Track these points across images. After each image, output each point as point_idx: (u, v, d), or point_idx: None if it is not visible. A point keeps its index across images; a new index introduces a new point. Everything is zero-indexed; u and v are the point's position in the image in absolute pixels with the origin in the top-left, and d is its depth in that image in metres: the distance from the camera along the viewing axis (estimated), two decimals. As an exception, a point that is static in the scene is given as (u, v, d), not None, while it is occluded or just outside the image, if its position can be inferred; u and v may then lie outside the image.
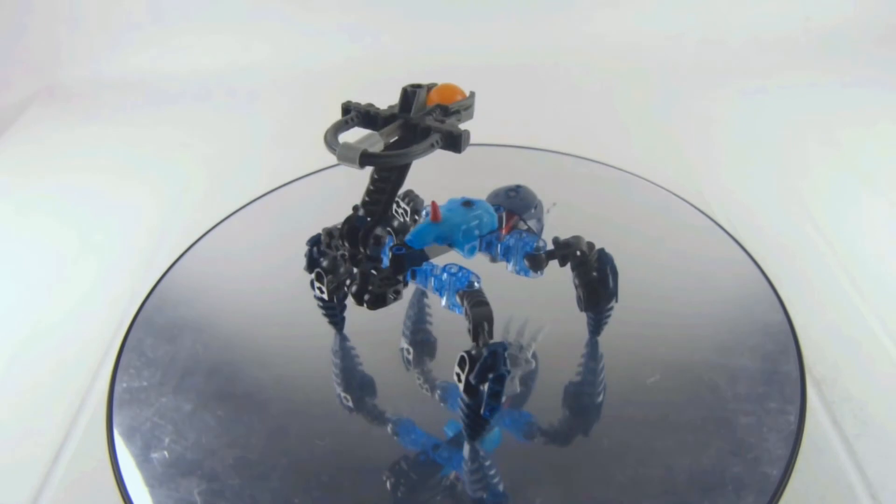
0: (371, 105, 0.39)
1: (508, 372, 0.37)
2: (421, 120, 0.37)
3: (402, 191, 0.43)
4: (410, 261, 0.40)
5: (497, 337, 0.38)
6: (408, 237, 0.41)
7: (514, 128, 0.84)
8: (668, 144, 0.84)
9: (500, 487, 0.41)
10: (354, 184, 0.73)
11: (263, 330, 0.53)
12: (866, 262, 0.62)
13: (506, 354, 0.37)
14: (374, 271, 0.40)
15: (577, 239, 0.44)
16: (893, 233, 0.67)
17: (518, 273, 0.44)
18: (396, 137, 0.37)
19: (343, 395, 0.48)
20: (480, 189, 0.47)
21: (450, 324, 0.49)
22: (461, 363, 0.38)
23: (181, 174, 0.81)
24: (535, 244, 0.43)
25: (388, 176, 0.38)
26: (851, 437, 0.46)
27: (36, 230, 0.73)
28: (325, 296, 0.43)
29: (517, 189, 0.47)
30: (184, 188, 0.78)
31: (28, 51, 1.07)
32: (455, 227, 0.42)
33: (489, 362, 0.37)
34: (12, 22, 1.05)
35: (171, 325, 0.53)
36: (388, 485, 0.41)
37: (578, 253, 0.43)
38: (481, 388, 0.37)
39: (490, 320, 0.38)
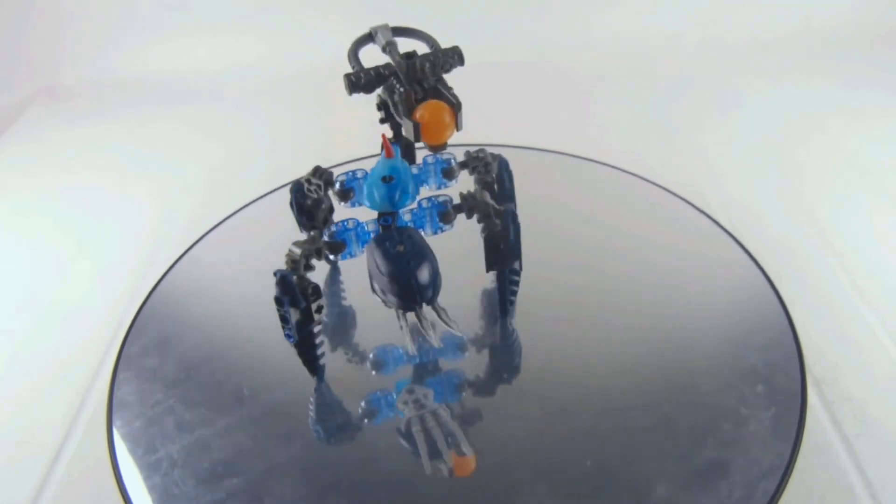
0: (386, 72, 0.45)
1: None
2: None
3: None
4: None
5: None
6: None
7: (513, 128, 0.84)
8: (668, 144, 0.84)
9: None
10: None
11: (264, 330, 0.53)
12: (867, 262, 0.62)
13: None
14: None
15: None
16: (894, 233, 0.67)
17: (435, 233, 0.46)
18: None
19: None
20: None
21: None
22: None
23: (182, 174, 0.81)
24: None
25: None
26: (851, 437, 0.46)
27: (36, 230, 0.73)
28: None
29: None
30: (185, 188, 0.78)
31: (28, 51, 1.07)
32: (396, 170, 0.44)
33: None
34: (12, 22, 1.05)
35: (172, 326, 0.53)
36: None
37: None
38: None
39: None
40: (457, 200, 0.46)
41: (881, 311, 0.57)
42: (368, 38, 0.49)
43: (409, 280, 0.38)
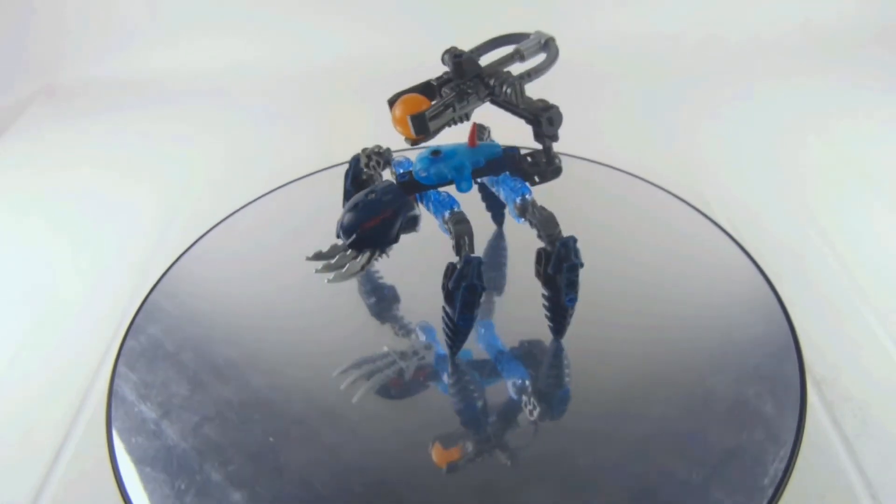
0: (442, 87, 0.44)
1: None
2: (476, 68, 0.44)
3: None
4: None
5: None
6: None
7: (513, 128, 0.84)
8: (667, 145, 0.84)
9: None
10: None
11: (265, 330, 0.53)
12: (866, 263, 0.62)
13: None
14: None
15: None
16: (893, 233, 0.67)
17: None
18: None
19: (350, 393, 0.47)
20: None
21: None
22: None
23: (181, 173, 0.81)
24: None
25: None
26: (851, 437, 0.46)
27: (36, 229, 0.73)
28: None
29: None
30: (184, 187, 0.78)
31: (28, 51, 1.07)
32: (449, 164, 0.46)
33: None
34: (12, 22, 1.05)
35: (172, 325, 0.53)
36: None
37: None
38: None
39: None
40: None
41: (881, 312, 0.57)
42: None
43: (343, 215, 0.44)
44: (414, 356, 0.48)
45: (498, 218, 0.60)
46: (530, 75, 0.44)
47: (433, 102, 0.42)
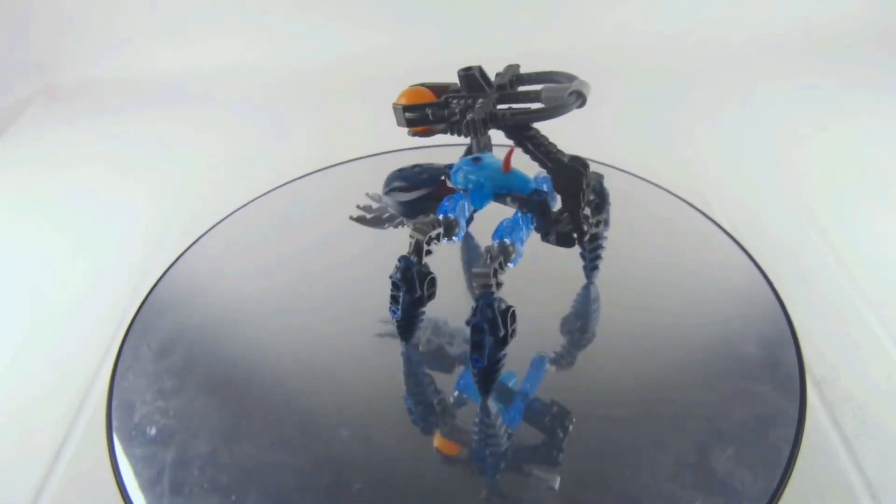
0: (451, 109, 0.43)
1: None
2: (503, 81, 0.44)
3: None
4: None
5: None
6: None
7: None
8: (667, 144, 0.84)
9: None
10: (354, 184, 0.73)
11: (265, 329, 0.53)
12: (866, 262, 0.62)
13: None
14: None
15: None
16: (893, 232, 0.67)
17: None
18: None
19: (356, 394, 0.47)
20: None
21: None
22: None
23: (181, 173, 0.81)
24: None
25: (534, 132, 0.43)
26: (851, 437, 0.46)
27: (36, 229, 0.73)
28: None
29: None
30: (184, 187, 0.78)
31: (28, 51, 1.07)
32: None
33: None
34: (12, 22, 1.05)
35: (172, 324, 0.53)
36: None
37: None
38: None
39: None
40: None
41: (881, 312, 0.57)
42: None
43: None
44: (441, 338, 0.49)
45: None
46: (505, 117, 0.41)
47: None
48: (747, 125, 0.88)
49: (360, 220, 0.53)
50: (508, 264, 0.42)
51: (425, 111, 0.43)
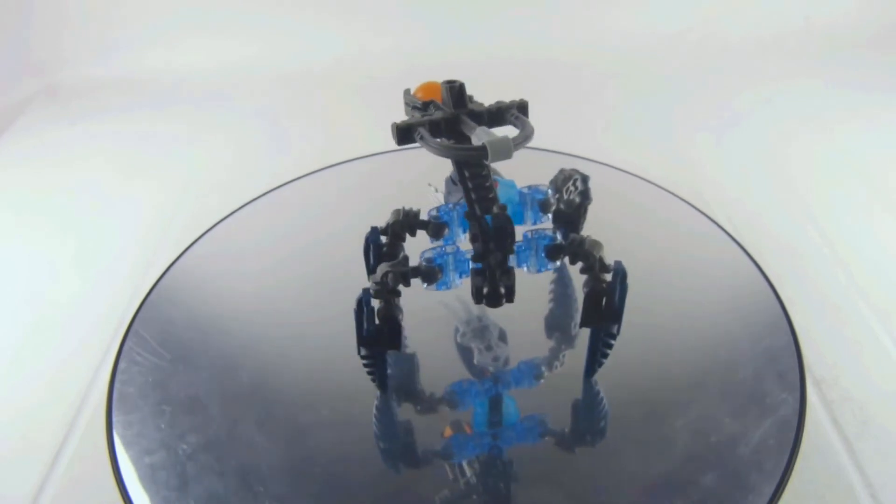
0: (417, 116, 0.40)
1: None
2: (480, 107, 0.40)
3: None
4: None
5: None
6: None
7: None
8: (667, 144, 0.84)
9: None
10: (354, 184, 0.73)
11: (265, 328, 0.53)
12: (866, 262, 0.62)
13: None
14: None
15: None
16: (893, 232, 0.67)
17: (539, 271, 0.44)
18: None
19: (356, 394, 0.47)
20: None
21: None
22: (595, 299, 0.40)
23: (181, 173, 0.81)
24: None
25: (481, 171, 0.39)
26: (851, 437, 0.46)
27: (36, 229, 0.73)
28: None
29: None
30: (184, 187, 0.78)
31: (28, 51, 1.07)
32: (509, 202, 0.44)
33: (622, 282, 0.39)
34: (12, 22, 1.05)
35: (172, 324, 0.53)
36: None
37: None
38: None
39: (602, 248, 0.40)
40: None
41: (881, 311, 0.57)
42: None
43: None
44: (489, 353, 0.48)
45: None
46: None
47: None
48: (747, 125, 0.88)
49: None
50: (430, 285, 0.41)
51: (411, 110, 0.42)
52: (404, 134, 0.39)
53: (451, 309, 0.52)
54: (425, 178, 0.51)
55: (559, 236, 0.45)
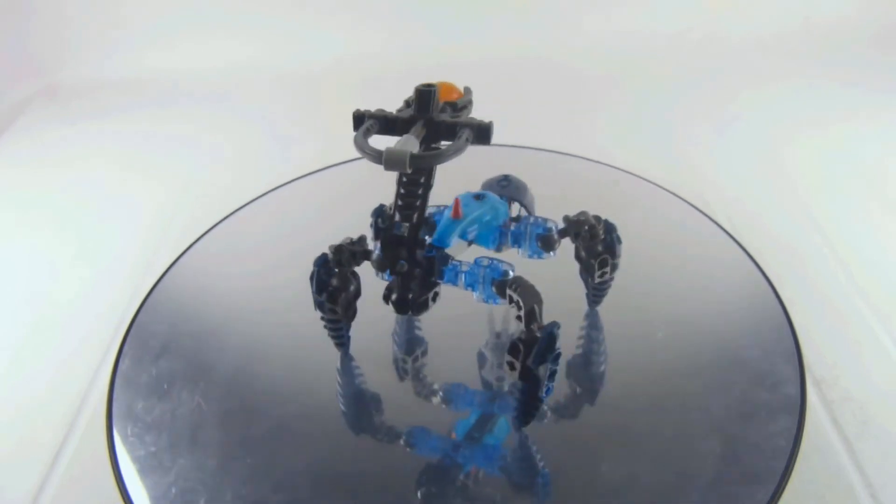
0: (382, 110, 0.39)
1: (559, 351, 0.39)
2: (442, 117, 0.37)
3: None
4: (441, 261, 0.41)
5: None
6: (433, 238, 0.41)
7: (512, 127, 0.84)
8: (667, 144, 0.84)
9: (540, 467, 0.41)
10: (353, 184, 0.73)
11: (266, 328, 0.53)
12: (866, 262, 0.62)
13: (557, 332, 0.38)
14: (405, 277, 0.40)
15: (584, 214, 0.45)
16: (893, 232, 0.67)
17: (531, 257, 0.45)
18: (422, 138, 0.37)
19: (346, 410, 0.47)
20: (476, 187, 0.47)
21: (439, 326, 0.50)
22: (513, 351, 0.38)
23: (181, 173, 0.81)
24: (546, 225, 0.45)
25: (417, 178, 0.38)
26: (851, 437, 0.46)
27: (36, 229, 0.73)
28: (338, 316, 0.44)
29: (507, 178, 0.48)
30: (184, 187, 0.78)
31: (28, 51, 1.07)
32: (475, 222, 0.43)
33: (546, 344, 0.37)
34: (12, 22, 1.05)
35: (172, 324, 0.53)
36: (418, 494, 0.40)
37: (588, 227, 0.45)
38: (539, 370, 0.37)
39: (540, 303, 0.38)
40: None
41: (881, 311, 0.57)
42: None
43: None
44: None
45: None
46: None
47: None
48: (747, 125, 0.88)
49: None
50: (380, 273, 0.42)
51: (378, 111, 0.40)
52: (357, 121, 0.39)
53: (490, 319, 0.52)
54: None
55: (554, 224, 0.45)
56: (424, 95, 0.37)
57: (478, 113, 0.41)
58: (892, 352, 0.53)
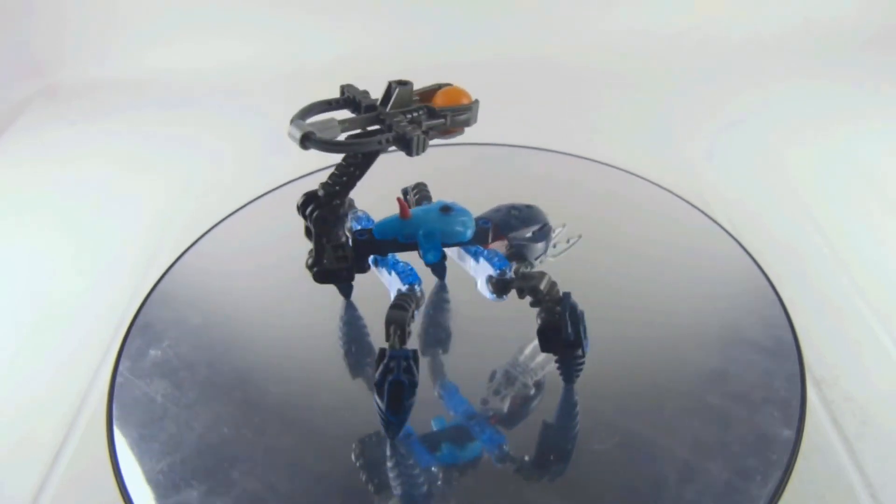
0: (366, 93, 0.39)
1: (415, 384, 0.37)
2: (390, 116, 0.37)
3: (413, 182, 0.45)
4: (372, 249, 0.41)
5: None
6: (374, 225, 0.42)
7: (512, 127, 0.84)
8: (667, 144, 0.84)
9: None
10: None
11: (265, 328, 0.53)
12: (866, 262, 0.62)
13: (410, 362, 0.36)
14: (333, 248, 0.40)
15: (540, 274, 0.41)
16: (893, 232, 0.67)
17: (483, 293, 0.44)
18: (361, 129, 0.38)
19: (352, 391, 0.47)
20: (477, 187, 0.47)
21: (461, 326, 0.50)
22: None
23: (181, 173, 0.81)
24: (502, 268, 0.42)
25: (351, 162, 0.39)
26: (851, 437, 0.46)
27: (36, 229, 0.73)
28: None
29: (522, 209, 0.44)
30: (184, 187, 0.78)
31: (28, 51, 1.07)
32: (419, 229, 0.41)
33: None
34: (12, 22, 1.05)
35: (172, 324, 0.53)
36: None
37: (535, 289, 0.41)
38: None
39: (400, 324, 0.38)
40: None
41: (881, 312, 0.57)
42: None
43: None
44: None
45: (439, 270, 0.53)
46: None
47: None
48: (747, 125, 0.88)
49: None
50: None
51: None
52: (340, 93, 0.40)
53: (521, 347, 0.49)
54: (426, 177, 0.51)
55: (509, 271, 0.43)
56: (387, 89, 0.38)
57: (478, 112, 0.42)
58: (892, 352, 0.53)
